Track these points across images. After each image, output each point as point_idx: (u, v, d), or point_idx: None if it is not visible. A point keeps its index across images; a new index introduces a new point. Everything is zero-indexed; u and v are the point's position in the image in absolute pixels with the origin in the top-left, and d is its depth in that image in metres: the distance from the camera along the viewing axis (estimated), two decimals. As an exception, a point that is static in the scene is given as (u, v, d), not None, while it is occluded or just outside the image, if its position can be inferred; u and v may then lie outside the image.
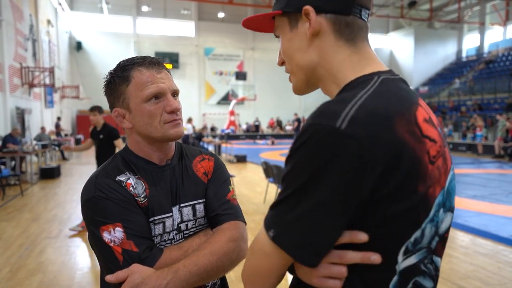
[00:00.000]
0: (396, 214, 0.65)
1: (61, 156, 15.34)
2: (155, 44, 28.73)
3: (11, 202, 7.44)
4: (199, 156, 1.27)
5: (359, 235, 0.66)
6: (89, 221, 1.04)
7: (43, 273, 3.95)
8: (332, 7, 0.75)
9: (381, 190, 0.64)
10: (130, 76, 1.10)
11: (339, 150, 0.62)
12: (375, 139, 0.62)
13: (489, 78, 23.81)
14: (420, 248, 0.70)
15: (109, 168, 1.12)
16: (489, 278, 3.79)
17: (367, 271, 0.68)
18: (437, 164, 0.69)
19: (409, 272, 0.70)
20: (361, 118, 0.63)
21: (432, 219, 0.70)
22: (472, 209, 6.51)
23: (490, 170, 11.91)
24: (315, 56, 0.78)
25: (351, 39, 0.76)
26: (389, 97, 0.68)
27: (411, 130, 0.66)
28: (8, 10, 12.79)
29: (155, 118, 1.09)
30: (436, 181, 0.69)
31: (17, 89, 13.62)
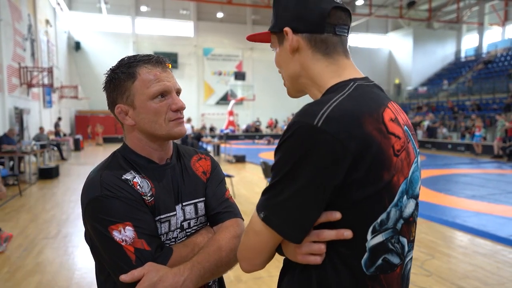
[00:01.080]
0: (364, 197, 0.78)
1: (59, 156, 15.31)
2: (154, 44, 28.71)
3: (9, 202, 7.42)
4: (195, 155, 1.28)
5: (333, 214, 0.79)
6: (95, 220, 1.01)
7: (41, 274, 3.93)
8: (306, 28, 0.90)
9: (352, 176, 0.76)
10: (136, 72, 1.10)
11: (317, 144, 0.75)
12: (346, 134, 0.75)
13: (488, 79, 23.85)
14: (386, 228, 0.82)
15: (112, 166, 1.11)
16: (488, 278, 3.79)
17: (343, 248, 0.81)
18: (400, 156, 0.82)
19: (377, 249, 0.82)
20: (335, 117, 0.77)
21: (397, 204, 0.82)
22: (471, 209, 6.51)
23: (489, 170, 11.92)
24: (297, 68, 0.94)
25: (327, 53, 0.91)
26: (361, 100, 0.82)
27: (378, 127, 0.79)
28: (6, 10, 12.77)
29: (160, 116, 1.10)
30: (400, 171, 0.82)
31: (15, 89, 13.60)
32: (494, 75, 24.12)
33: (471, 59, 29.50)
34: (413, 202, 0.87)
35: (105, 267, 1.07)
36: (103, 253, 1.02)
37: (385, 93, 0.93)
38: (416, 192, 0.89)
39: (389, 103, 0.88)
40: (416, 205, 0.90)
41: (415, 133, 0.95)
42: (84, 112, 27.14)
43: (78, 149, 19.32)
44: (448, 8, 28.35)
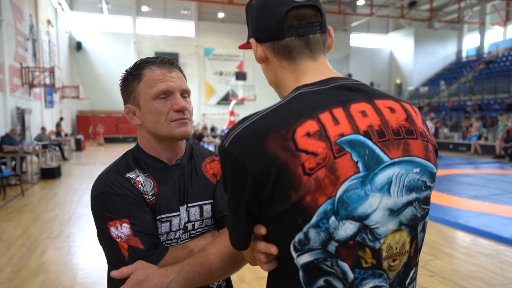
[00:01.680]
0: (275, 216, 0.77)
1: (61, 156, 15.32)
2: (155, 44, 28.74)
3: (11, 202, 7.43)
4: (209, 157, 1.28)
5: (260, 228, 0.82)
6: (98, 216, 1.05)
7: (44, 274, 3.94)
8: (265, 36, 0.88)
9: (260, 195, 0.76)
10: (142, 74, 1.13)
11: (226, 164, 0.80)
12: (247, 155, 0.76)
13: (489, 79, 23.82)
14: (310, 249, 0.76)
15: (120, 165, 1.14)
16: (491, 279, 3.78)
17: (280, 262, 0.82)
18: (316, 175, 0.73)
19: (312, 269, 0.77)
20: (239, 138, 0.78)
21: (317, 225, 0.74)
22: (473, 209, 6.51)
23: (491, 171, 11.91)
24: (272, 76, 0.93)
25: (290, 58, 0.87)
26: (277, 115, 0.78)
27: (284, 145, 0.73)
28: (8, 10, 12.78)
29: (161, 116, 1.11)
30: (317, 191, 0.73)
31: (17, 89, 13.61)
32: (496, 75, 24.09)
33: (472, 59, 29.47)
34: (354, 225, 0.75)
35: None
36: (103, 247, 1.06)
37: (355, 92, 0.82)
38: (359, 213, 0.75)
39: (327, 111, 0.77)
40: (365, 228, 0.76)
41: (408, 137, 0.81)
42: (85, 112, 27.18)
43: (80, 149, 19.36)
44: (449, 8, 28.32)
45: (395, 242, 0.80)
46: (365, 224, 0.76)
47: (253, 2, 0.91)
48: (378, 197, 0.77)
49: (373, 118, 0.79)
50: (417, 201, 0.82)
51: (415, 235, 0.84)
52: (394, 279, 0.82)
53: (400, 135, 0.80)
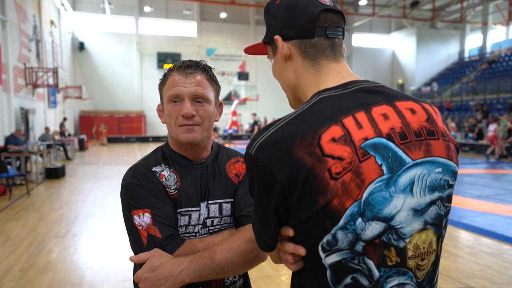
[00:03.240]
0: (303, 219, 0.79)
1: (64, 156, 15.39)
2: (158, 45, 28.80)
3: (17, 201, 7.49)
4: (234, 158, 1.33)
5: (287, 230, 0.84)
6: (124, 204, 1.15)
7: (53, 272, 3.99)
8: (296, 33, 0.89)
9: (288, 200, 0.79)
10: (168, 77, 1.22)
11: (252, 170, 0.82)
12: (273, 161, 0.77)
13: (492, 78, 23.81)
14: (338, 249, 0.78)
15: (149, 159, 1.24)
16: (495, 278, 3.81)
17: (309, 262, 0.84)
18: (342, 179, 0.75)
19: (339, 268, 0.79)
20: (266, 144, 0.79)
21: (345, 227, 0.77)
22: (477, 209, 6.53)
23: (494, 170, 11.92)
24: (292, 77, 0.93)
25: (315, 58, 0.89)
26: (302, 120, 0.79)
27: (311, 151, 0.75)
28: (12, 11, 12.85)
29: (172, 119, 1.19)
30: (343, 195, 0.75)
31: (21, 90, 13.68)
32: (498, 74, 24.08)
33: (474, 59, 29.45)
34: (380, 225, 0.78)
35: None
36: (127, 232, 1.14)
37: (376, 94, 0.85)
38: (384, 214, 0.78)
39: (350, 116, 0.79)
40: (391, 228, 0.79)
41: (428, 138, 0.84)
42: (88, 112, 27.25)
43: (83, 149, 19.43)
44: (451, 8, 28.30)
45: (421, 241, 0.83)
46: (390, 224, 0.79)
47: (277, 2, 0.93)
48: (402, 198, 0.79)
49: (394, 121, 0.81)
50: (440, 199, 0.85)
51: (440, 233, 0.87)
52: (424, 278, 0.85)
53: (421, 136, 0.82)
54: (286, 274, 3.92)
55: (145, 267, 1.03)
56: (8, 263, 4.22)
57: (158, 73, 28.47)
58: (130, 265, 4.12)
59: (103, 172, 11.56)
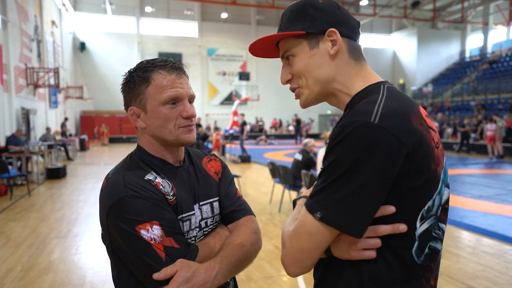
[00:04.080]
0: (417, 187, 0.84)
1: (65, 157, 15.40)
2: (159, 45, 28.80)
3: (18, 202, 7.49)
4: (205, 157, 1.33)
5: (387, 208, 0.84)
6: (121, 221, 1.01)
7: (54, 272, 3.99)
8: (349, 33, 0.97)
9: (407, 168, 0.81)
10: (151, 77, 1.12)
11: (375, 139, 0.79)
12: (400, 129, 0.81)
13: (493, 78, 23.78)
14: (431, 215, 0.88)
15: (132, 167, 1.12)
16: (497, 278, 3.80)
17: (394, 239, 0.85)
18: (439, 148, 0.90)
19: (424, 237, 0.87)
20: (388, 115, 0.82)
21: (439, 192, 0.89)
22: (478, 209, 6.52)
23: (495, 171, 11.91)
24: (333, 71, 0.96)
25: (357, 58, 0.98)
26: (400, 99, 0.89)
27: (421, 122, 0.86)
28: (13, 11, 12.86)
29: (170, 122, 1.12)
30: (439, 162, 0.89)
31: (22, 90, 13.69)
32: (499, 75, 24.04)
33: (475, 59, 29.41)
34: (447, 191, 0.93)
35: (124, 270, 1.08)
36: (129, 253, 1.02)
37: None
38: (448, 182, 0.95)
39: None
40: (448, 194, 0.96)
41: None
42: (89, 112, 27.26)
43: (84, 149, 19.44)
44: (452, 8, 28.26)
45: None
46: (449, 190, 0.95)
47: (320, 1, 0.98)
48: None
49: None
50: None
51: None
52: None
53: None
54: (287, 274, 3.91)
55: (177, 280, 0.97)
56: (9, 263, 4.22)
57: (159, 73, 28.44)
58: (131, 266, 4.14)
59: (104, 172, 11.51)
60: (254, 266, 4.08)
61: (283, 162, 8.96)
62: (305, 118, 29.80)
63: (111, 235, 1.06)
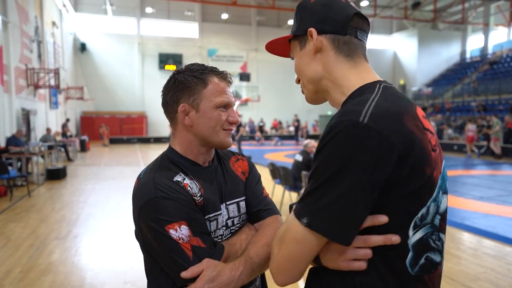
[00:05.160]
0: (408, 193, 0.79)
1: (66, 157, 15.39)
2: (159, 46, 28.82)
3: (18, 202, 7.47)
4: (233, 157, 1.37)
5: (379, 217, 0.79)
6: (152, 220, 1.07)
7: (54, 274, 3.97)
8: (330, 28, 0.93)
9: (398, 172, 0.76)
10: (208, 80, 1.19)
11: (363, 140, 0.75)
12: (391, 131, 0.76)
13: (493, 79, 23.76)
14: (425, 223, 0.82)
15: (162, 169, 1.17)
16: (499, 280, 3.78)
17: (388, 251, 0.80)
18: (437, 152, 0.85)
19: (420, 247, 0.82)
20: (379, 114, 0.77)
21: (435, 199, 0.83)
22: (479, 210, 6.50)
23: (496, 172, 11.88)
24: (319, 69, 0.95)
25: (349, 55, 0.93)
26: (394, 99, 0.84)
27: (416, 124, 0.81)
28: (14, 12, 12.86)
29: (219, 124, 1.19)
30: (437, 167, 0.84)
31: (22, 91, 13.69)
32: (500, 75, 24.03)
33: (476, 60, 29.40)
34: (446, 198, 0.88)
35: (156, 266, 1.14)
36: (159, 251, 1.08)
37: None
38: (447, 188, 0.89)
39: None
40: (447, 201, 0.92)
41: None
42: (89, 113, 27.27)
43: (84, 150, 19.42)
44: (453, 9, 28.27)
45: None
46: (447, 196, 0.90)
47: (311, 1, 0.97)
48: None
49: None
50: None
51: None
52: None
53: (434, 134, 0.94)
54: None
55: (203, 279, 1.02)
56: (8, 264, 4.21)
57: (159, 74, 28.50)
58: (131, 267, 4.13)
59: (105, 173, 11.55)
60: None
61: (283, 163, 8.94)
62: (306, 119, 29.80)
63: (143, 233, 1.12)
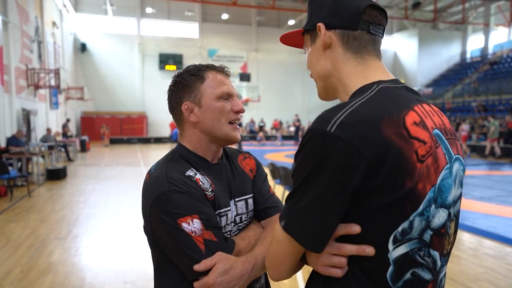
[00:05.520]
0: (384, 205, 0.74)
1: (66, 157, 15.39)
2: (159, 46, 28.82)
3: (18, 203, 7.47)
4: (240, 155, 1.39)
5: (353, 227, 0.77)
6: (164, 213, 1.07)
7: (54, 274, 3.97)
8: (340, 23, 0.89)
9: (370, 183, 0.73)
10: (205, 75, 1.21)
11: (329, 150, 0.73)
12: (360, 139, 0.72)
13: (494, 79, 23.75)
14: (410, 238, 0.77)
15: (173, 164, 1.18)
16: (499, 280, 3.78)
17: (365, 262, 0.78)
18: (426, 162, 0.77)
19: (403, 262, 0.77)
20: (349, 122, 0.74)
21: (422, 213, 0.77)
22: (480, 210, 6.50)
23: (496, 172, 11.88)
24: (328, 66, 0.92)
25: (357, 51, 0.89)
26: (380, 103, 0.79)
27: (398, 132, 0.75)
28: (14, 12, 12.87)
29: (224, 115, 1.19)
30: (426, 178, 0.77)
31: (23, 91, 13.70)
32: (500, 76, 24.02)
33: (476, 60, 29.39)
34: (445, 212, 0.81)
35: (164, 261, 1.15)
36: (171, 245, 1.08)
37: (417, 95, 0.90)
38: (448, 202, 0.82)
39: (417, 105, 0.83)
40: (449, 216, 0.84)
41: (455, 138, 0.90)
42: (89, 113, 27.27)
43: (84, 150, 19.43)
44: (453, 9, 28.26)
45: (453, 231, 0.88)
46: (450, 212, 0.83)
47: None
48: (454, 188, 0.85)
49: (436, 118, 0.87)
50: (460, 195, 0.90)
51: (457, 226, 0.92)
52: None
53: (452, 135, 0.89)
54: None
55: (217, 271, 1.03)
56: (8, 265, 4.21)
57: (159, 74, 28.51)
58: (131, 267, 4.13)
59: (105, 173, 11.55)
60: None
61: (283, 163, 8.94)
62: (306, 119, 29.80)
63: (153, 227, 1.12)
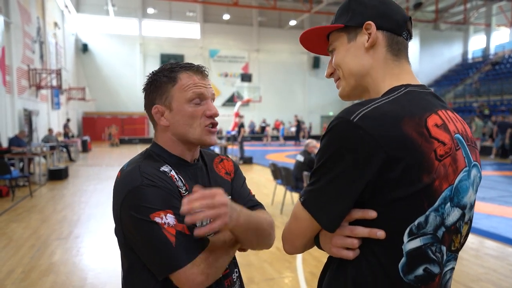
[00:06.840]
0: (401, 197, 0.79)
1: (68, 158, 15.42)
2: (161, 46, 28.85)
3: (20, 203, 7.49)
4: (217, 157, 1.35)
5: (369, 212, 0.82)
6: (135, 209, 1.03)
7: (55, 274, 3.98)
8: (389, 26, 0.94)
9: (387, 175, 0.78)
10: (177, 77, 1.16)
11: (350, 137, 0.79)
12: (380, 131, 0.78)
13: (495, 80, 23.69)
14: (424, 233, 0.82)
15: (148, 160, 1.15)
16: (501, 281, 3.77)
17: (378, 247, 0.83)
18: (444, 162, 0.82)
19: (416, 255, 0.82)
20: (371, 116, 0.80)
21: (437, 209, 0.82)
22: (481, 211, 6.49)
23: (498, 172, 11.85)
24: (367, 64, 0.95)
25: (396, 54, 0.94)
26: (405, 104, 0.84)
27: (419, 130, 0.80)
28: (16, 13, 12.90)
29: (195, 120, 1.15)
30: (443, 177, 0.81)
31: (24, 91, 13.73)
32: (502, 76, 23.96)
33: (478, 61, 29.33)
34: (459, 212, 0.86)
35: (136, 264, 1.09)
36: (140, 240, 1.03)
37: (442, 101, 0.94)
38: (463, 202, 0.87)
39: (440, 110, 0.88)
40: (463, 216, 0.89)
41: (475, 147, 0.95)
42: (91, 114, 27.32)
43: (86, 151, 19.46)
44: (455, 9, 28.22)
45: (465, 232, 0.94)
46: (464, 212, 0.88)
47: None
48: (471, 191, 0.90)
49: (459, 125, 0.92)
50: (475, 200, 0.96)
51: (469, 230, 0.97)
52: None
53: (472, 143, 0.94)
54: (289, 276, 3.90)
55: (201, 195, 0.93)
56: (10, 265, 4.22)
57: (161, 75, 28.51)
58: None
59: (106, 174, 11.56)
60: (256, 268, 4.06)
61: (285, 164, 8.93)
62: (307, 120, 29.78)
63: (124, 224, 1.07)
